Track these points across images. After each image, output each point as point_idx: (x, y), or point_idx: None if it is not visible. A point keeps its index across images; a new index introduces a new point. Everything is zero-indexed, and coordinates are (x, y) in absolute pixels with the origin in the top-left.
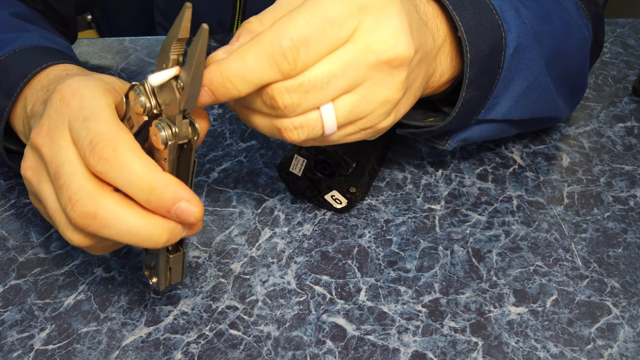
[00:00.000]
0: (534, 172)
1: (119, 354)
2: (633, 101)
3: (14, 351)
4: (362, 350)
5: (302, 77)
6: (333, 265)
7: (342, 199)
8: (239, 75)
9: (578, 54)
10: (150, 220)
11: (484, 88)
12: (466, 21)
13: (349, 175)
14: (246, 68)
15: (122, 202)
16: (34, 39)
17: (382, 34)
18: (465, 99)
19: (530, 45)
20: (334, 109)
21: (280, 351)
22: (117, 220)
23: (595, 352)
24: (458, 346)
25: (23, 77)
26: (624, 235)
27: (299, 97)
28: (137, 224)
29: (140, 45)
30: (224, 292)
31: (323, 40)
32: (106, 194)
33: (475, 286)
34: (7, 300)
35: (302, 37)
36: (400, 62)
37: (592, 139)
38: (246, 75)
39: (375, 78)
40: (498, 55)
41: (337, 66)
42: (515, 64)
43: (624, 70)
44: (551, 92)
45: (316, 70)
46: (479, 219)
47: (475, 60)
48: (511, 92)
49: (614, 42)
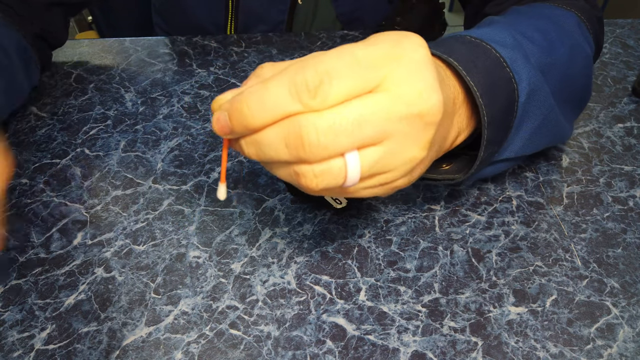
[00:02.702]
0: (533, 172)
1: (119, 353)
2: (632, 101)
3: (14, 351)
4: (362, 350)
5: (333, 119)
6: (333, 265)
7: (342, 199)
8: (258, 100)
9: (582, 73)
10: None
11: (500, 141)
12: (480, 84)
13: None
14: (266, 93)
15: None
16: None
17: (416, 86)
18: (483, 156)
19: (540, 87)
20: (360, 159)
21: (280, 351)
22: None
23: (594, 352)
24: (458, 346)
25: None
26: (623, 235)
27: (327, 139)
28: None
29: (140, 46)
30: (224, 292)
31: (349, 77)
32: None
33: (474, 286)
34: (8, 300)
35: (325, 70)
36: (432, 117)
37: (591, 139)
38: (266, 101)
39: (405, 132)
40: (512, 107)
41: (368, 111)
42: (527, 109)
43: (623, 71)
44: (560, 122)
45: (346, 111)
46: (479, 219)
47: (492, 121)
48: (523, 133)
49: (614, 42)
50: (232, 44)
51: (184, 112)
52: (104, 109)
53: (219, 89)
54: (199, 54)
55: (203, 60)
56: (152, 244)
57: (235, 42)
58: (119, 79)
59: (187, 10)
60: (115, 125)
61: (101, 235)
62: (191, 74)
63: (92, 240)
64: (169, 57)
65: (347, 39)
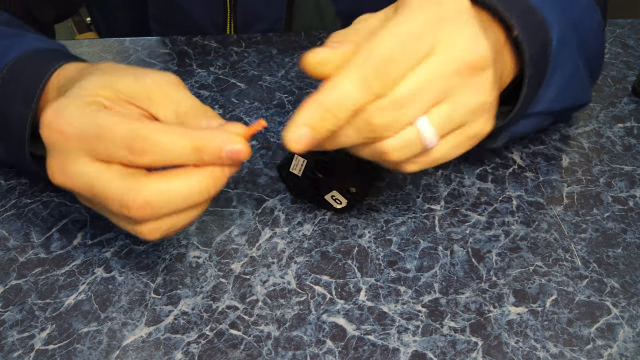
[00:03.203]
0: (533, 172)
1: (119, 354)
2: (632, 101)
3: (14, 351)
4: (362, 350)
5: (393, 95)
6: (333, 265)
7: (342, 199)
8: (336, 103)
9: (596, 39)
10: (197, 174)
11: (535, 85)
12: (518, 21)
13: (349, 176)
14: (342, 95)
15: (161, 177)
16: (33, 43)
17: (462, 40)
18: (524, 97)
19: (568, 37)
20: (429, 120)
21: (280, 351)
22: (169, 194)
23: (594, 352)
24: (458, 346)
25: (38, 83)
26: (623, 235)
27: (393, 114)
28: (189, 185)
29: (140, 46)
30: (224, 292)
31: (408, 55)
32: (143, 179)
33: (475, 286)
34: (8, 301)
35: (389, 56)
36: (484, 62)
37: (591, 139)
38: (343, 102)
39: (463, 83)
40: (546, 50)
41: (424, 78)
42: (558, 57)
43: (623, 71)
44: (585, 81)
45: (405, 85)
46: (479, 219)
47: (533, 58)
48: (555, 84)
49: (614, 42)
50: (232, 44)
51: None
52: None
53: (219, 89)
54: (199, 54)
55: (203, 60)
56: (152, 244)
57: (235, 42)
58: None
59: (185, 13)
60: None
61: (101, 235)
62: (191, 74)
63: (92, 240)
64: (169, 57)
65: None
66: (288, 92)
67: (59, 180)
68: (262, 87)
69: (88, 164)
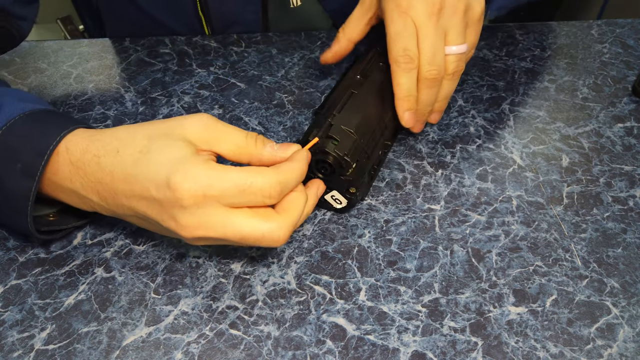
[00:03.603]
0: (533, 172)
1: (119, 354)
2: (632, 101)
3: (14, 351)
4: (362, 350)
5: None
6: (333, 265)
7: (342, 199)
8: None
9: None
10: (303, 190)
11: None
12: None
13: (348, 176)
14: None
15: (288, 211)
16: (16, 105)
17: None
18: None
19: None
20: (454, 47)
21: (280, 351)
22: (297, 219)
23: (594, 352)
24: (458, 346)
25: (39, 156)
26: (623, 235)
27: (436, 55)
28: (303, 201)
29: (140, 46)
30: (224, 292)
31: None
32: (280, 217)
33: (474, 286)
34: (8, 300)
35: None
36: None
37: (591, 139)
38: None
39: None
40: None
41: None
42: None
43: (623, 71)
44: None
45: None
46: (479, 219)
47: None
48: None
49: (614, 42)
50: (232, 44)
51: (184, 112)
52: (104, 108)
53: (218, 89)
54: (199, 53)
55: (203, 60)
56: (152, 244)
57: (235, 42)
58: (119, 79)
59: (160, 23)
60: (116, 125)
61: (101, 235)
62: (191, 73)
63: (92, 240)
64: (169, 57)
65: None
66: (288, 92)
67: (200, 233)
68: (262, 87)
69: (229, 215)
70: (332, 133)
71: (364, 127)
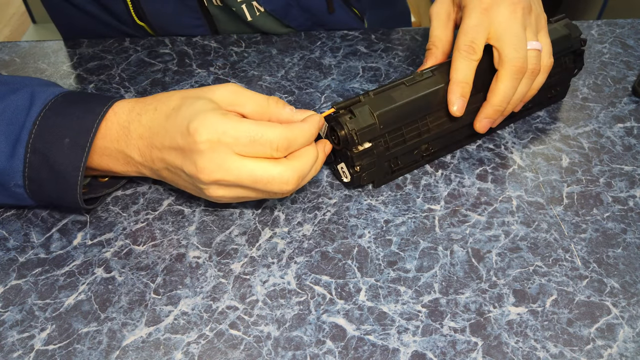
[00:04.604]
0: (533, 172)
1: (119, 354)
2: (632, 101)
3: (14, 351)
4: (362, 350)
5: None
6: (333, 265)
7: (347, 174)
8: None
9: None
10: (314, 147)
11: None
12: None
13: (355, 153)
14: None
15: (297, 157)
16: (46, 90)
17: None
18: None
19: None
20: (534, 43)
21: (280, 351)
22: (308, 168)
23: (594, 352)
24: (458, 346)
25: (90, 123)
26: (623, 235)
27: (522, 54)
28: (314, 154)
29: (140, 46)
30: (224, 292)
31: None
32: (290, 163)
33: (474, 286)
34: (8, 301)
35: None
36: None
37: (591, 139)
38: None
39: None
40: None
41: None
42: None
43: (623, 71)
44: None
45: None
46: (479, 219)
47: None
48: None
49: (614, 42)
50: (232, 44)
51: None
52: None
53: None
54: (199, 54)
55: (203, 60)
56: (152, 244)
57: (235, 42)
58: (119, 79)
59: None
60: None
61: (101, 236)
62: (191, 74)
63: (92, 240)
64: (169, 57)
65: (346, 39)
66: (288, 92)
67: (217, 176)
68: (262, 87)
69: (243, 160)
70: (354, 108)
71: (392, 117)
